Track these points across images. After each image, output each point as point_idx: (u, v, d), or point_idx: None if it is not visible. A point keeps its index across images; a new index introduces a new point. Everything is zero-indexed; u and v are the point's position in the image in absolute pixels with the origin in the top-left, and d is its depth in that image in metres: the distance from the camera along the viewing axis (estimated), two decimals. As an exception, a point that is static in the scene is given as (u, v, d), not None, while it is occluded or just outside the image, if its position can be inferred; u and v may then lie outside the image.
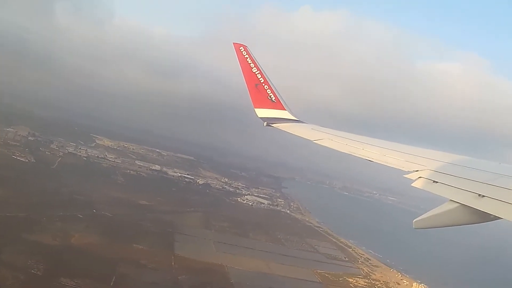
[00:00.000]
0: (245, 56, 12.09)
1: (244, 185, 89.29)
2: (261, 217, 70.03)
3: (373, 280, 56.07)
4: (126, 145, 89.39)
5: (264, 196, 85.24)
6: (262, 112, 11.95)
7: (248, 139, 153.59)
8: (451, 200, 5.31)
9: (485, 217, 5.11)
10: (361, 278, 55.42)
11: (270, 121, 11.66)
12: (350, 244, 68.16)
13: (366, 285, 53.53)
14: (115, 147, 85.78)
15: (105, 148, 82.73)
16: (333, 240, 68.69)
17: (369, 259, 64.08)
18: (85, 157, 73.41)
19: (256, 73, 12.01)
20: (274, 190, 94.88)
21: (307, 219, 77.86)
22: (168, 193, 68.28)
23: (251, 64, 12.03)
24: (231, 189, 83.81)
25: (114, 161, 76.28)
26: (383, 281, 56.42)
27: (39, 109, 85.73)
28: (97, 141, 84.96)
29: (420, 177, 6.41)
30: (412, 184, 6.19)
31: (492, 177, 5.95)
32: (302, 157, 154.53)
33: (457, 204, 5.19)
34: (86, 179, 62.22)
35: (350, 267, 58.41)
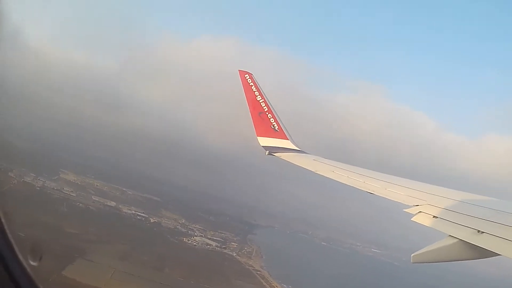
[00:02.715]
0: (250, 84, 12.69)
1: (202, 228, 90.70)
2: (195, 256, 71.63)
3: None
4: (91, 181, 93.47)
5: (217, 239, 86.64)
6: (264, 141, 12.52)
7: (242, 185, 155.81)
8: (450, 235, 5.54)
9: (484, 253, 5.24)
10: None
11: (272, 150, 12.32)
12: (279, 288, 68.88)
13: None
14: (78, 182, 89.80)
15: (66, 181, 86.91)
16: (263, 283, 69.34)
17: (289, 304, 64.80)
18: (39, 187, 77.76)
19: (260, 101, 12.63)
20: (235, 235, 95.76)
21: (250, 263, 78.59)
22: (106, 226, 71.40)
23: (256, 92, 12.63)
24: (183, 230, 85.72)
25: (68, 194, 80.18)
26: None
27: (14, 138, 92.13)
28: (61, 175, 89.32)
29: (420, 211, 6.70)
30: (412, 219, 6.51)
31: (491, 214, 6.11)
32: (295, 205, 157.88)
33: (456, 240, 5.39)
34: (25, 206, 66.19)
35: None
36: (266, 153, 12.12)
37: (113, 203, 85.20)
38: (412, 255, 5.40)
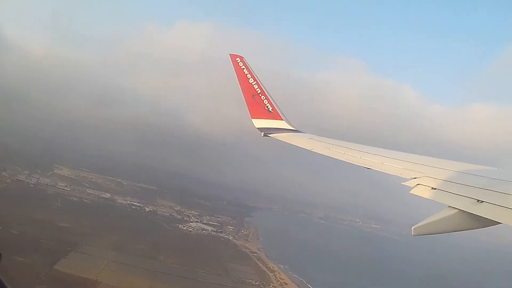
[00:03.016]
0: (242, 67, 12.67)
1: (198, 213, 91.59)
2: (190, 242, 72.48)
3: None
4: (85, 175, 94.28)
5: (214, 223, 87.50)
6: (259, 123, 12.53)
7: (239, 170, 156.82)
8: (449, 206, 5.54)
9: (484, 222, 5.28)
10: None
11: (267, 131, 12.27)
12: (275, 269, 69.13)
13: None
14: (72, 176, 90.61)
15: (60, 177, 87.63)
16: (259, 265, 70.09)
17: (286, 284, 65.24)
18: (33, 184, 78.52)
19: (252, 83, 12.60)
20: (232, 219, 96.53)
21: (247, 246, 79.49)
22: (100, 218, 71.86)
23: (248, 75, 12.62)
24: (178, 217, 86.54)
25: (62, 189, 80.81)
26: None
27: (6, 138, 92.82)
28: (55, 171, 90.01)
29: (418, 184, 6.71)
30: (410, 192, 6.50)
31: (490, 183, 6.13)
32: (293, 187, 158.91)
33: (456, 210, 5.40)
34: (18, 204, 67.01)
35: (258, 292, 60.41)
36: (262, 135, 12.25)
37: (107, 195, 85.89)
38: (413, 227, 5.31)
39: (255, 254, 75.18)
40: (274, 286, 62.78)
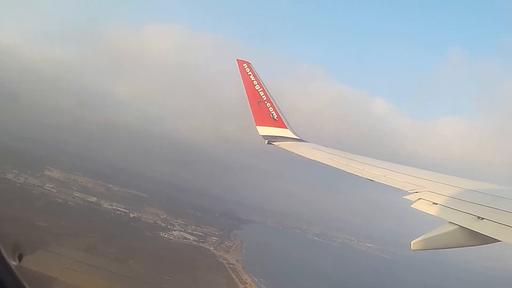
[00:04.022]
0: (248, 73, 12.75)
1: (184, 223, 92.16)
2: (166, 249, 73.11)
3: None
4: (75, 178, 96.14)
5: (198, 233, 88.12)
6: (264, 130, 12.60)
7: (237, 183, 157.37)
8: (450, 222, 5.55)
9: (484, 239, 5.27)
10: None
11: (271, 139, 12.39)
12: (248, 282, 69.45)
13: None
14: (61, 179, 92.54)
15: (49, 178, 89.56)
16: (232, 276, 70.40)
17: (254, 297, 65.79)
18: (20, 183, 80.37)
19: (259, 90, 12.68)
20: (219, 230, 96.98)
21: (226, 257, 79.83)
22: (80, 220, 73.24)
23: (254, 82, 12.68)
24: (162, 224, 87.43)
25: (49, 190, 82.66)
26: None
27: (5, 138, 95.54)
28: (45, 172, 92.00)
29: (419, 198, 6.73)
30: (412, 206, 6.53)
31: (491, 200, 6.13)
32: (291, 201, 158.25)
33: (456, 226, 5.40)
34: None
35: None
36: (266, 142, 12.32)
37: (94, 199, 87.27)
38: (412, 242, 5.39)
39: (231, 266, 75.57)
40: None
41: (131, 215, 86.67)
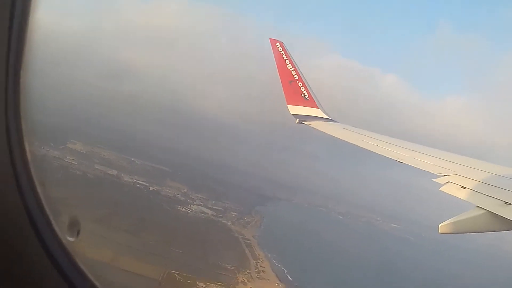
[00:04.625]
0: (281, 52, 13.11)
1: (204, 197, 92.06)
2: (181, 223, 73.25)
3: (233, 289, 57.03)
4: (98, 151, 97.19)
5: (217, 208, 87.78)
6: (295, 109, 12.99)
7: (265, 159, 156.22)
8: (477, 206, 5.69)
9: (511, 225, 5.40)
10: (221, 285, 56.00)
11: (302, 118, 12.71)
12: (261, 257, 68.78)
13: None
14: (84, 151, 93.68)
15: (71, 151, 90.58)
16: (245, 251, 69.94)
17: (264, 271, 64.51)
18: (40, 156, 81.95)
19: (291, 69, 13.05)
20: (240, 206, 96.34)
21: (242, 232, 79.35)
22: (96, 193, 73.82)
23: (286, 61, 13.02)
24: (182, 198, 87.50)
25: (69, 162, 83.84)
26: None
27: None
28: (68, 145, 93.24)
29: (448, 181, 6.91)
30: (440, 189, 6.78)
31: None
32: (320, 179, 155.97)
33: (484, 211, 5.51)
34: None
35: (224, 274, 59.70)
36: (296, 121, 12.52)
37: (114, 172, 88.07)
38: (440, 225, 5.52)
39: (246, 241, 75.06)
40: (249, 272, 62.27)
41: (151, 188, 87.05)
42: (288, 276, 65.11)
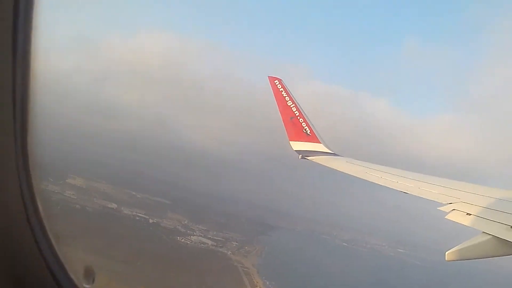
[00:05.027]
0: (280, 90, 13.28)
1: (205, 228, 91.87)
2: (180, 253, 73.08)
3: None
4: (98, 186, 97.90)
5: (217, 239, 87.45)
6: (297, 145, 13.02)
7: (269, 189, 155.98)
8: (483, 232, 5.72)
9: None
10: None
11: (305, 154, 12.73)
12: (260, 285, 68.05)
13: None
14: (84, 186, 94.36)
15: (71, 186, 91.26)
16: (243, 279, 69.20)
17: (260, 299, 64.03)
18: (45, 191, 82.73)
19: (291, 106, 13.20)
20: (242, 236, 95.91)
21: (242, 261, 78.66)
22: (94, 225, 73.69)
23: (286, 98, 13.22)
24: (182, 230, 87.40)
25: (68, 197, 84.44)
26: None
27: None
28: (68, 180, 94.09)
29: (453, 209, 6.93)
30: (446, 217, 6.75)
31: None
32: (324, 208, 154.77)
33: (489, 236, 5.54)
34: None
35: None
36: (300, 157, 12.53)
37: (114, 205, 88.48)
38: (446, 252, 5.52)
39: (245, 269, 74.51)
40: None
41: (151, 221, 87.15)
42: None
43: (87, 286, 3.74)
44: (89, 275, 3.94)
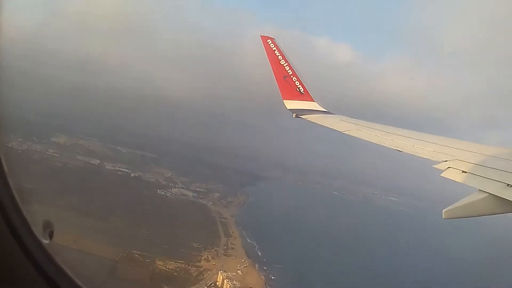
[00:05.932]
0: (273, 49, 13.23)
1: (188, 180, 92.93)
2: (158, 206, 74.11)
3: (196, 267, 57.49)
4: (83, 143, 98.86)
5: (199, 190, 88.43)
6: (291, 104, 13.00)
7: (265, 143, 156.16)
8: (480, 190, 5.73)
9: None
10: (181, 263, 56.82)
11: (299, 112, 12.75)
12: (235, 235, 69.57)
13: (174, 270, 55.42)
14: (68, 144, 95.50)
15: (54, 144, 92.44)
16: (219, 230, 70.59)
17: (234, 248, 65.17)
18: (21, 150, 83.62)
19: (284, 65, 13.16)
20: (226, 186, 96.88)
21: (221, 212, 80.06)
22: (74, 181, 75.19)
23: (279, 56, 13.19)
24: (163, 183, 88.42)
25: (51, 155, 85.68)
26: (205, 269, 57.42)
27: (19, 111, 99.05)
28: (52, 139, 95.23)
29: (449, 167, 6.94)
30: (441, 175, 6.76)
31: None
32: (317, 159, 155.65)
33: (486, 194, 5.56)
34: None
35: (188, 252, 60.09)
36: (293, 116, 12.71)
37: (97, 161, 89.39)
38: (443, 210, 5.52)
39: (223, 220, 75.86)
40: (216, 250, 63.05)
41: (132, 175, 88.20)
42: (258, 252, 65.28)
43: (45, 241, 3.59)
44: (46, 229, 3.73)
